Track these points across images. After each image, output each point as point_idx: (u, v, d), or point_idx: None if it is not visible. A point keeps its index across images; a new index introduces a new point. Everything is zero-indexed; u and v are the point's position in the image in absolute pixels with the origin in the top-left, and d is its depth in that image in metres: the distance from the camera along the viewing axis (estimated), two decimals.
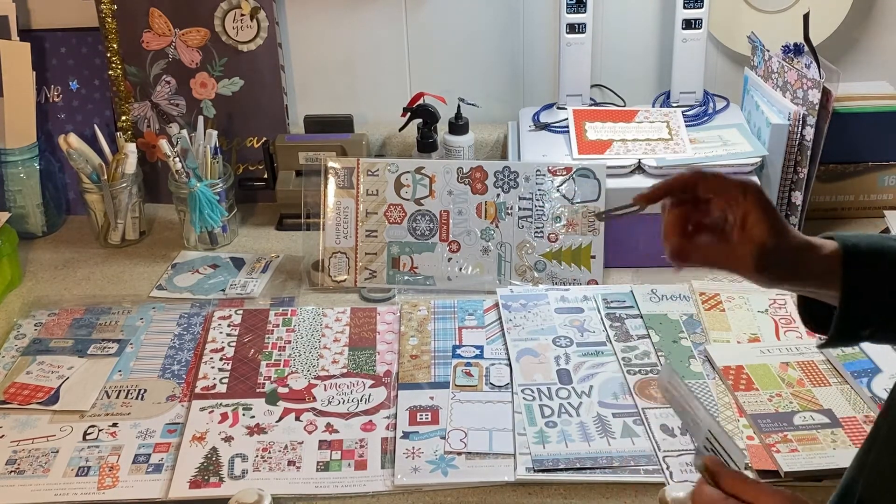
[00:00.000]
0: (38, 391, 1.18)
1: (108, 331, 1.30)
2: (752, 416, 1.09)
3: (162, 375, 1.21)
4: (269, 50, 1.56)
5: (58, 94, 1.58)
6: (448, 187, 1.38)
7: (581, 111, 1.50)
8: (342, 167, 1.39)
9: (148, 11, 1.54)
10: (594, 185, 1.36)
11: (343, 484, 1.03)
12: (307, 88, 1.65)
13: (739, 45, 1.56)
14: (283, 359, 1.23)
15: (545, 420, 1.09)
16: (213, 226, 1.47)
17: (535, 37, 1.60)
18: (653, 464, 1.03)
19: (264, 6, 1.53)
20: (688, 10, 1.47)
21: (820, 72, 1.35)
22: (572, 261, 1.36)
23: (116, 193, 1.47)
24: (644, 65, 1.62)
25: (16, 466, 1.07)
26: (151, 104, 1.59)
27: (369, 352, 1.24)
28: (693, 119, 1.49)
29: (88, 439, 1.11)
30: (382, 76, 1.64)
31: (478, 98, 1.55)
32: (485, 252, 1.37)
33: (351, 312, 1.32)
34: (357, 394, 1.17)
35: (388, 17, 1.60)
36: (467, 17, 1.59)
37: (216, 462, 1.06)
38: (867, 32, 1.58)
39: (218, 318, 1.31)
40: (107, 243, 1.52)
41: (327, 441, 1.09)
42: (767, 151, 1.37)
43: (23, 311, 1.35)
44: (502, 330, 1.26)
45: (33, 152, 1.52)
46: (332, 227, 1.38)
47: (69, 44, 1.57)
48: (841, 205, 1.50)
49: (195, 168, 1.45)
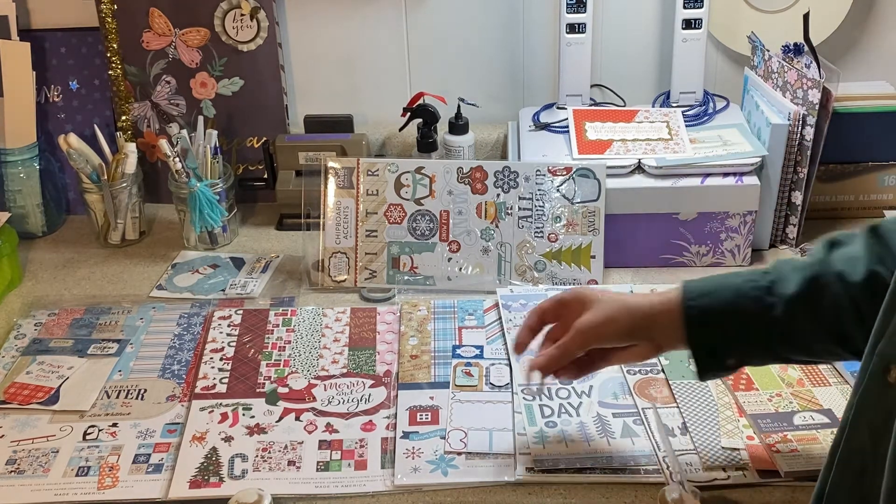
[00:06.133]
0: (38, 391, 1.18)
1: (108, 331, 1.30)
2: (752, 416, 1.09)
3: (162, 375, 1.21)
4: (269, 50, 1.56)
5: (58, 94, 1.58)
6: (448, 187, 1.38)
7: (581, 111, 1.50)
8: (342, 167, 1.39)
9: (148, 11, 1.54)
10: (594, 185, 1.36)
11: (343, 484, 1.03)
12: (307, 88, 1.65)
13: (739, 45, 1.56)
14: (283, 359, 1.23)
15: (545, 420, 1.09)
16: (213, 226, 1.47)
17: (535, 37, 1.60)
18: (653, 464, 1.03)
19: (264, 6, 1.53)
20: (688, 10, 1.47)
21: (820, 72, 1.35)
22: (572, 261, 1.36)
23: (116, 193, 1.47)
24: (644, 65, 1.62)
25: (16, 466, 1.07)
26: (151, 104, 1.59)
27: (369, 352, 1.24)
28: (693, 119, 1.49)
29: (88, 439, 1.11)
30: (382, 76, 1.64)
31: (478, 98, 1.55)
32: (485, 252, 1.37)
33: (351, 312, 1.32)
34: (357, 394, 1.17)
35: (388, 17, 1.60)
36: (467, 17, 1.59)
37: (216, 462, 1.06)
38: (867, 32, 1.58)
39: (218, 318, 1.31)
40: (107, 243, 1.52)
41: (327, 441, 1.09)
42: (767, 151, 1.37)
43: (23, 311, 1.35)
44: (502, 330, 1.26)
45: (33, 152, 1.53)
46: (332, 227, 1.38)
47: (69, 44, 1.57)
48: (841, 205, 1.50)
49: (195, 168, 1.45)
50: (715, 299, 0.94)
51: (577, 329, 0.98)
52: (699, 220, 1.37)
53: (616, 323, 0.97)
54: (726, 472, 1.01)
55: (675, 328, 0.95)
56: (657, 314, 0.96)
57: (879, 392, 0.72)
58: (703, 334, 0.94)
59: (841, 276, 0.91)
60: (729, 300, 0.93)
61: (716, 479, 1.01)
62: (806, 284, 0.91)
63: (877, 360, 0.72)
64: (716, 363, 0.95)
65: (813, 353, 0.95)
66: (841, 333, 0.91)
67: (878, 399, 0.72)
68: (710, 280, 0.96)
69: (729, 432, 1.07)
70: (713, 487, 1.00)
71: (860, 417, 0.74)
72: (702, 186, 1.35)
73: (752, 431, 1.07)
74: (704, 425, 1.08)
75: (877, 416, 0.72)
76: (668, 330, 0.96)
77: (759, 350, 0.94)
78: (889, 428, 0.69)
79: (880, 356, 0.72)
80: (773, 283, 0.93)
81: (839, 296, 0.90)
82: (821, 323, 0.91)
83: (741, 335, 0.93)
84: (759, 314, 0.92)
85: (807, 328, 0.92)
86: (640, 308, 0.97)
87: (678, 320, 0.94)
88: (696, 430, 1.07)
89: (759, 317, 0.92)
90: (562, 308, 1.03)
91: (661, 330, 0.96)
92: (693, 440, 1.06)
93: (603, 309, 0.98)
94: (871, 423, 0.72)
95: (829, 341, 0.92)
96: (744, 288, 0.93)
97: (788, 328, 0.92)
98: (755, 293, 0.93)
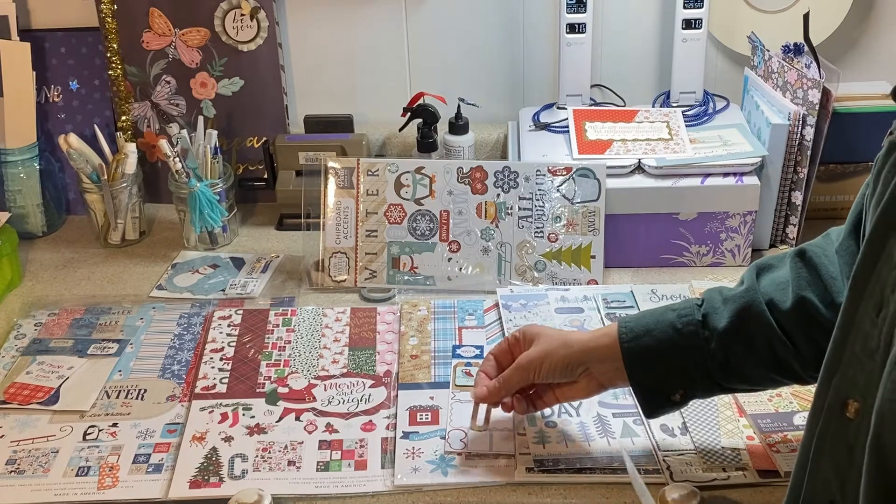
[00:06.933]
0: (38, 391, 1.18)
1: (108, 331, 1.30)
2: (752, 416, 1.09)
3: (162, 375, 1.21)
4: (269, 50, 1.56)
5: (58, 94, 1.58)
6: (448, 187, 1.38)
7: (581, 111, 1.50)
8: (342, 167, 1.39)
9: (148, 11, 1.54)
10: (594, 185, 1.36)
11: (343, 484, 1.03)
12: (307, 88, 1.65)
13: (739, 45, 1.56)
14: (283, 359, 1.23)
15: (545, 420, 1.09)
16: (213, 226, 1.47)
17: (535, 36, 1.60)
18: (653, 464, 1.03)
19: (264, 6, 1.53)
20: (688, 10, 1.47)
21: (820, 72, 1.35)
22: (572, 261, 1.36)
23: (116, 193, 1.47)
24: (644, 65, 1.62)
25: (16, 466, 1.07)
26: (151, 104, 1.59)
27: (369, 352, 1.24)
28: (693, 119, 1.49)
29: (88, 439, 1.11)
30: (382, 76, 1.64)
31: (478, 98, 1.55)
32: (485, 252, 1.37)
33: (351, 312, 1.32)
34: (357, 394, 1.17)
35: (388, 17, 1.60)
36: (467, 17, 1.59)
37: (216, 462, 1.06)
38: (867, 32, 1.58)
39: (218, 318, 1.31)
40: (107, 243, 1.52)
41: (327, 441, 1.09)
42: (767, 151, 1.37)
43: (23, 311, 1.35)
44: (502, 330, 1.26)
45: (33, 152, 1.52)
46: (332, 227, 1.38)
47: (69, 44, 1.57)
48: (841, 205, 1.50)
49: (195, 168, 1.45)
50: (652, 339, 0.95)
51: (517, 364, 1.02)
52: (699, 220, 1.37)
53: (553, 357, 0.99)
54: (726, 472, 1.01)
55: (617, 368, 0.97)
56: (594, 350, 0.98)
57: (838, 427, 0.71)
58: (645, 374, 0.96)
59: (770, 304, 0.93)
60: (666, 338, 0.95)
61: (716, 479, 1.01)
62: (736, 317, 0.93)
63: (833, 396, 0.71)
64: (661, 400, 0.97)
65: (754, 381, 0.97)
66: (776, 362, 0.93)
67: (837, 434, 0.71)
68: (645, 317, 0.97)
69: (729, 432, 1.07)
70: (713, 487, 1.00)
71: (821, 455, 0.73)
72: (702, 186, 1.35)
73: (752, 431, 1.07)
74: (704, 425, 1.08)
75: (838, 451, 0.71)
76: (609, 370, 0.98)
77: (701, 384, 0.96)
78: (853, 461, 0.69)
79: (836, 391, 0.71)
80: (705, 317, 0.94)
81: (769, 326, 0.92)
82: (755, 354, 0.93)
83: (682, 372, 0.95)
84: (696, 349, 0.94)
85: (743, 360, 0.93)
86: (577, 344, 0.99)
87: (619, 360, 0.96)
88: (696, 430, 1.07)
89: (696, 352, 0.94)
90: (513, 347, 1.05)
91: (601, 368, 0.98)
92: (693, 440, 1.06)
93: (542, 345, 1.01)
94: (833, 459, 0.71)
95: (767, 370, 0.94)
96: (678, 324, 0.95)
97: (726, 361, 0.94)
98: (690, 329, 0.94)
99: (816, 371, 0.93)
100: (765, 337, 0.92)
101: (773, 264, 0.97)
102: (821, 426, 0.72)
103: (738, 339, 0.93)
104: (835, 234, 0.96)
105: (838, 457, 0.71)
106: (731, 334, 0.93)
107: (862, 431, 0.68)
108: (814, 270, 0.92)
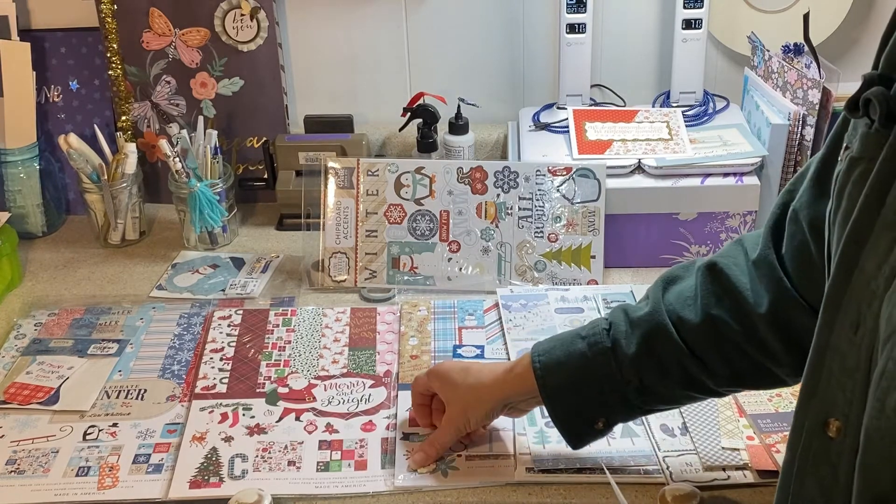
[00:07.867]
0: (38, 391, 1.18)
1: (108, 331, 1.30)
2: (752, 416, 1.09)
3: (162, 375, 1.21)
4: (269, 50, 1.56)
5: (58, 94, 1.58)
6: (448, 187, 1.38)
7: (581, 111, 1.50)
8: (342, 167, 1.39)
9: (148, 11, 1.54)
10: (594, 185, 1.36)
11: (343, 484, 1.03)
12: (307, 88, 1.65)
13: (739, 45, 1.56)
14: (283, 359, 1.23)
15: (545, 420, 1.09)
16: (213, 226, 1.47)
17: (535, 36, 1.60)
18: (653, 464, 1.03)
19: (264, 6, 1.53)
20: (688, 10, 1.47)
21: (820, 72, 1.35)
22: (572, 261, 1.36)
23: (116, 193, 1.47)
24: (644, 65, 1.62)
25: (16, 466, 1.07)
26: (151, 104, 1.59)
27: (369, 352, 1.24)
28: (693, 119, 1.49)
29: (88, 439, 1.11)
30: (382, 76, 1.64)
31: (478, 98, 1.55)
32: (485, 252, 1.37)
33: (351, 312, 1.32)
34: (357, 394, 1.17)
35: (388, 17, 1.60)
36: (467, 17, 1.59)
37: (216, 462, 1.06)
38: (867, 32, 1.58)
39: (218, 318, 1.31)
40: (107, 243, 1.52)
41: (327, 441, 1.09)
42: (767, 151, 1.37)
43: (23, 311, 1.35)
44: (502, 330, 1.26)
45: (33, 152, 1.52)
46: (332, 227, 1.38)
47: (69, 44, 1.57)
48: None
49: (195, 168, 1.45)
50: (565, 372, 0.95)
51: (445, 424, 1.04)
52: (699, 220, 1.37)
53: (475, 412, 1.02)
54: (726, 472, 1.02)
55: (537, 402, 0.99)
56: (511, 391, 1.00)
57: (819, 447, 0.70)
58: (564, 408, 0.96)
59: (678, 322, 0.92)
60: (578, 369, 0.95)
61: (716, 479, 1.01)
62: (644, 342, 0.93)
63: (812, 417, 0.70)
64: (585, 429, 0.97)
65: (673, 401, 0.98)
66: (689, 381, 0.93)
67: (819, 454, 0.70)
68: (556, 349, 0.97)
69: (729, 432, 1.07)
70: (713, 487, 1.00)
71: (804, 475, 0.72)
72: (702, 186, 1.35)
73: (752, 431, 1.07)
74: (704, 425, 1.08)
75: (822, 471, 0.70)
76: (532, 403, 1.01)
77: (621, 410, 0.96)
78: (838, 480, 0.68)
79: (816, 412, 0.70)
80: (615, 344, 0.94)
81: (678, 346, 0.92)
82: (668, 375, 0.93)
83: (600, 401, 0.95)
84: (609, 378, 0.94)
85: (657, 382, 0.93)
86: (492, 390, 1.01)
87: (538, 394, 0.97)
88: (696, 430, 1.07)
89: (609, 381, 0.94)
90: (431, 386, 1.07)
91: (523, 404, 1.02)
92: (693, 440, 1.06)
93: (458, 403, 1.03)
94: (817, 479, 0.71)
95: (682, 388, 0.94)
96: (589, 354, 0.95)
97: (640, 384, 0.94)
98: (601, 359, 0.94)
99: (730, 387, 0.95)
100: (675, 358, 0.92)
101: (679, 276, 0.96)
102: (802, 446, 0.71)
103: (649, 362, 0.93)
104: (749, 241, 0.93)
105: (823, 476, 0.70)
106: (642, 359, 0.93)
107: (845, 450, 0.67)
108: (725, 284, 0.91)
